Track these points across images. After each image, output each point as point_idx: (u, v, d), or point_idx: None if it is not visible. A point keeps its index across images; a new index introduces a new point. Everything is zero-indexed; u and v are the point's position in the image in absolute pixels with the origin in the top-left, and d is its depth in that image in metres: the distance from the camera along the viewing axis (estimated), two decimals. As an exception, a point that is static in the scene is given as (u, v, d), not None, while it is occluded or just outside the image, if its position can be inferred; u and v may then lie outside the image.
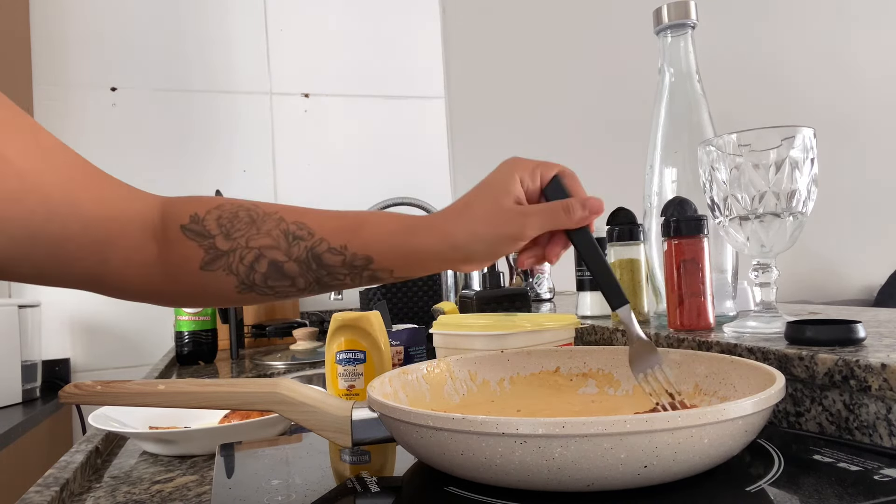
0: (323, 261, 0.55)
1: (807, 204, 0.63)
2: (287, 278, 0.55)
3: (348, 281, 0.56)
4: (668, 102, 0.84)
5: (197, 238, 0.55)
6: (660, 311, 0.84)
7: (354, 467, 0.50)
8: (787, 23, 2.43)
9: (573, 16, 2.22)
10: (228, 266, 0.55)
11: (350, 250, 0.55)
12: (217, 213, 0.56)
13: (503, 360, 0.63)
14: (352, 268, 0.55)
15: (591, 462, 0.37)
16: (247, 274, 0.55)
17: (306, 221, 0.56)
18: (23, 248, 0.49)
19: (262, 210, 0.57)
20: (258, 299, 0.57)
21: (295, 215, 0.56)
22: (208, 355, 1.37)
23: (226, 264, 0.55)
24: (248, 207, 0.57)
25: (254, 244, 0.55)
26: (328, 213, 0.57)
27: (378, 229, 0.55)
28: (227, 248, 0.55)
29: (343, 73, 1.99)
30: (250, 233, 0.55)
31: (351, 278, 0.56)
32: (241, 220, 0.56)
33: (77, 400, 0.49)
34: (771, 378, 0.45)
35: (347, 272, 0.55)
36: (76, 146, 1.83)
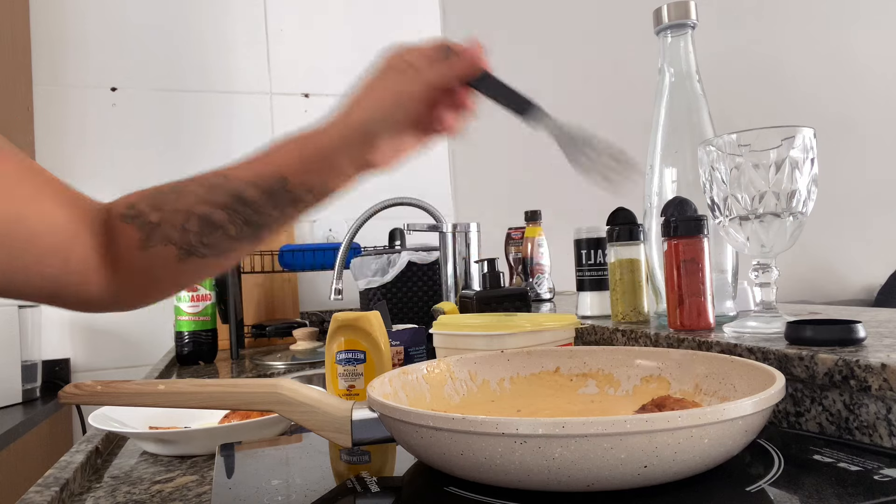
0: (244, 197, 0.56)
1: (807, 204, 0.63)
2: (218, 228, 0.56)
3: (274, 212, 0.57)
4: (668, 102, 0.84)
5: (132, 220, 0.57)
6: (660, 311, 0.84)
7: (354, 467, 0.50)
8: (787, 22, 2.43)
9: (573, 16, 2.22)
10: (164, 236, 0.56)
11: (263, 177, 0.55)
12: (149, 195, 0.58)
13: (503, 361, 0.63)
14: (270, 194, 0.56)
15: (591, 462, 0.37)
16: (182, 237, 0.56)
17: (221, 170, 0.57)
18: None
19: (184, 180, 0.58)
20: (202, 265, 0.58)
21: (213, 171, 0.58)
22: (208, 355, 1.37)
23: (161, 236, 0.56)
24: (174, 183, 0.59)
25: (180, 206, 0.56)
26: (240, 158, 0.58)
27: (284, 146, 0.56)
28: (157, 220, 0.56)
29: (343, 73, 1.98)
30: (175, 199, 0.57)
31: (274, 207, 0.56)
32: (166, 193, 0.57)
33: (77, 400, 0.49)
34: (771, 378, 0.45)
35: (268, 200, 0.56)
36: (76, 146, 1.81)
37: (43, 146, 1.72)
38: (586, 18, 2.23)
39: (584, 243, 1.02)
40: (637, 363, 0.59)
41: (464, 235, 1.31)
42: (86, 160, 1.75)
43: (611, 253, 0.90)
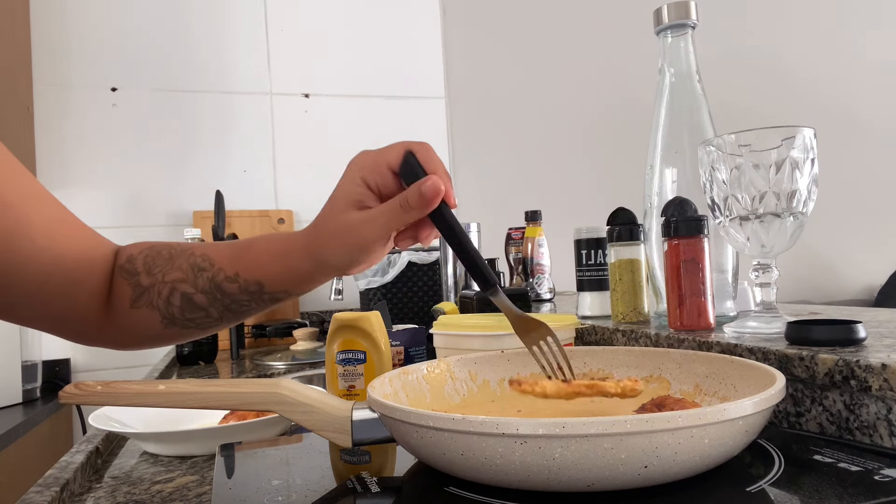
0: (223, 289, 0.58)
1: (807, 204, 0.63)
2: (200, 309, 0.58)
3: (254, 306, 0.59)
4: (669, 102, 0.84)
5: (127, 276, 0.59)
6: (660, 311, 0.84)
7: (354, 467, 0.50)
8: (787, 23, 2.43)
9: (573, 16, 2.22)
10: (150, 301, 0.58)
11: (242, 277, 0.57)
12: (146, 252, 0.60)
13: (503, 361, 0.63)
14: (249, 294, 0.58)
15: (591, 462, 0.37)
16: (166, 308, 0.58)
17: (209, 252, 0.59)
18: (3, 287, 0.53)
19: (181, 247, 0.60)
20: (184, 333, 0.60)
21: (203, 248, 0.60)
22: (208, 355, 1.37)
23: (148, 300, 0.58)
24: (172, 246, 0.61)
25: (168, 278, 0.58)
26: (228, 243, 0.60)
27: (260, 255, 0.58)
28: (148, 284, 0.59)
29: (343, 73, 1.99)
30: (166, 268, 0.59)
31: (255, 303, 0.59)
32: (162, 257, 0.60)
33: (77, 400, 0.49)
34: (771, 378, 0.45)
35: (248, 298, 0.58)
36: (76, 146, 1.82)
37: (43, 146, 1.72)
38: (586, 18, 2.23)
39: (584, 243, 1.02)
40: (637, 363, 0.59)
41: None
42: (86, 160, 1.75)
43: (611, 253, 0.90)
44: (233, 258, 0.58)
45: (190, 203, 1.82)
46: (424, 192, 0.52)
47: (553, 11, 2.21)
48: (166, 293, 0.58)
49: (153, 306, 0.58)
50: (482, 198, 2.08)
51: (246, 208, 1.86)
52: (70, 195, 1.71)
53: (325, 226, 0.55)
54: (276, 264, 0.57)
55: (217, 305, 0.58)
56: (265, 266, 0.57)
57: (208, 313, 0.59)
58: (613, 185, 2.09)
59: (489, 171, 2.11)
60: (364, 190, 0.54)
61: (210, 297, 0.58)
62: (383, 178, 0.55)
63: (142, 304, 0.58)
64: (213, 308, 0.58)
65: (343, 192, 0.55)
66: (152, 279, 0.59)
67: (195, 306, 0.58)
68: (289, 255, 0.57)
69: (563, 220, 1.67)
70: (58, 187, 1.71)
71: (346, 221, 0.54)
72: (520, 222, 1.63)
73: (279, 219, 1.87)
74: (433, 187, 0.52)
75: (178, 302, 0.58)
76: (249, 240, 0.60)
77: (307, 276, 0.57)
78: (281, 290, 0.58)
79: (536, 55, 2.19)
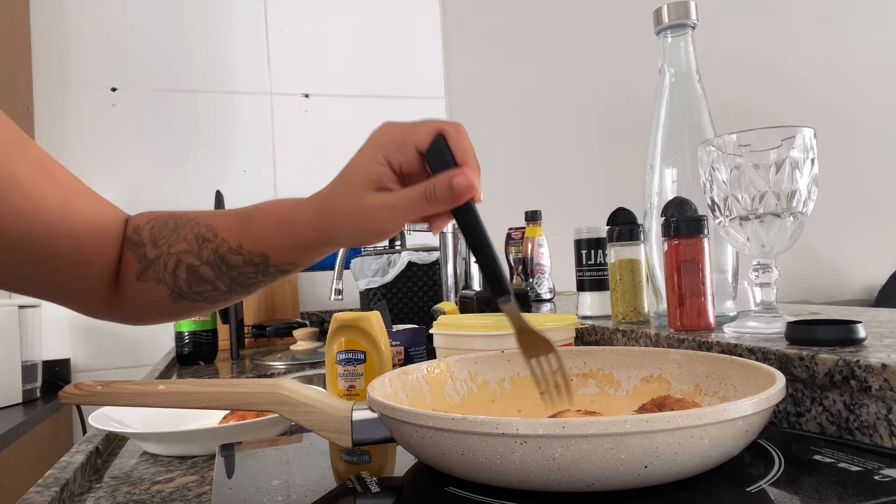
0: (228, 261, 0.55)
1: (807, 204, 0.63)
2: (207, 282, 0.56)
3: (261, 278, 0.57)
4: (669, 102, 0.84)
5: (133, 248, 0.57)
6: (660, 311, 0.84)
7: (354, 467, 0.50)
8: (787, 23, 2.43)
9: (573, 16, 2.22)
10: (157, 275, 0.56)
11: (246, 249, 0.55)
12: (153, 223, 0.58)
13: (503, 361, 0.63)
14: (255, 265, 0.55)
15: (591, 462, 0.37)
16: (173, 281, 0.56)
17: (213, 223, 0.57)
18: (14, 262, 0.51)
19: (186, 216, 0.58)
20: (193, 308, 0.58)
21: (207, 218, 0.57)
22: (208, 355, 1.37)
23: (154, 273, 0.56)
24: (178, 215, 0.58)
25: (174, 250, 0.56)
26: (231, 212, 0.57)
27: (264, 225, 0.55)
28: (154, 256, 0.56)
29: (343, 73, 1.99)
30: (172, 239, 0.56)
31: (262, 275, 0.56)
32: (167, 227, 0.57)
33: (77, 400, 0.49)
34: (771, 378, 0.45)
35: (254, 270, 0.56)
36: (76, 146, 1.81)
37: (43, 146, 1.71)
38: (586, 18, 2.23)
39: (584, 243, 1.02)
40: (637, 363, 0.59)
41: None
42: (86, 160, 1.75)
43: (611, 253, 0.90)
44: (236, 229, 0.55)
45: (190, 203, 1.82)
46: (455, 187, 0.47)
47: (553, 11, 2.21)
48: (172, 265, 0.56)
49: (160, 279, 0.56)
50: (482, 198, 2.07)
51: (246, 208, 1.86)
52: (70, 195, 1.71)
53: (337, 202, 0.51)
54: (282, 236, 0.54)
55: (224, 278, 0.56)
56: (269, 238, 0.54)
57: (215, 286, 0.56)
58: (613, 185, 2.09)
59: (489, 171, 2.10)
60: (385, 170, 0.49)
61: (216, 269, 0.56)
62: (407, 159, 0.49)
63: (149, 278, 0.56)
64: (219, 281, 0.56)
65: (361, 167, 0.50)
66: (158, 251, 0.56)
67: (202, 279, 0.56)
68: (294, 226, 0.53)
69: (563, 220, 1.67)
70: (58, 187, 1.70)
71: (362, 203, 0.49)
72: (520, 222, 1.63)
73: (279, 219, 1.87)
74: (465, 183, 0.47)
75: (185, 275, 0.56)
76: (254, 208, 0.57)
77: (313, 248, 0.54)
78: (287, 262, 0.55)
79: (536, 55, 2.18)
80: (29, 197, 0.50)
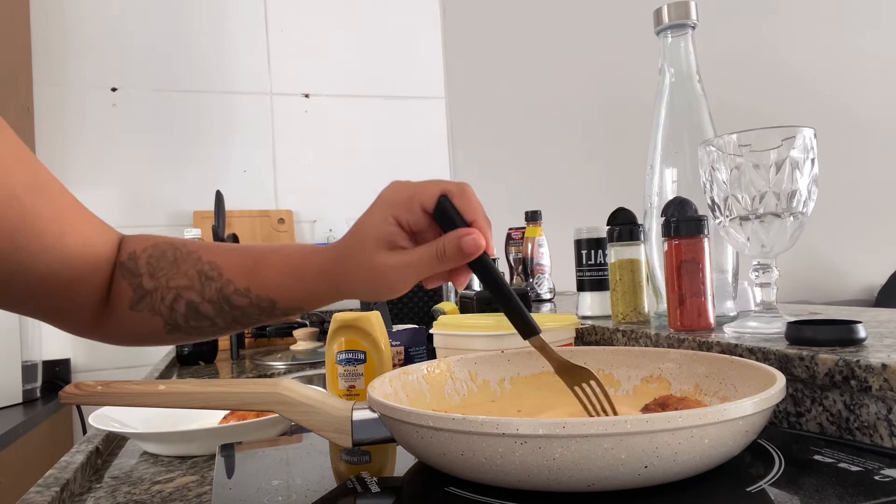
0: (232, 302, 0.55)
1: (807, 204, 0.63)
2: (206, 319, 0.56)
3: (264, 319, 0.57)
4: (669, 102, 0.84)
5: (128, 276, 0.57)
6: (660, 311, 0.84)
7: (355, 467, 0.50)
8: (787, 23, 2.43)
9: (573, 16, 2.22)
10: (152, 306, 0.56)
11: (253, 292, 0.55)
12: (150, 251, 0.57)
13: (503, 361, 0.63)
14: (260, 309, 0.55)
15: (591, 462, 0.37)
16: (169, 314, 0.56)
17: (217, 260, 0.56)
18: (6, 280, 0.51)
19: (186, 249, 0.57)
20: (188, 338, 0.58)
21: (210, 254, 0.57)
22: (209, 355, 1.37)
23: (150, 304, 0.56)
24: (177, 246, 0.58)
25: (173, 284, 0.56)
26: (237, 251, 0.57)
27: (274, 272, 0.55)
28: (150, 288, 0.56)
29: (343, 73, 1.99)
30: (171, 272, 0.56)
31: (266, 317, 0.56)
32: (166, 259, 0.57)
33: (77, 400, 0.49)
34: (771, 378, 0.45)
35: (258, 313, 0.56)
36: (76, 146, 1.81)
37: (43, 146, 1.72)
38: (586, 18, 2.23)
39: (584, 243, 1.02)
40: (637, 363, 0.59)
41: (464, 235, 1.31)
42: (86, 160, 1.75)
43: (611, 253, 0.90)
44: (245, 272, 0.55)
45: (190, 203, 1.82)
46: (463, 246, 0.48)
47: (553, 11, 2.21)
48: (170, 299, 0.55)
49: (155, 311, 0.56)
50: (482, 198, 2.05)
51: (246, 208, 1.86)
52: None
53: (350, 261, 0.52)
54: (292, 283, 0.54)
55: (225, 316, 0.56)
56: (280, 284, 0.54)
57: (214, 323, 0.56)
58: (613, 185, 2.09)
59: (489, 171, 2.11)
60: (396, 229, 0.50)
61: (217, 307, 0.55)
62: (415, 218, 0.51)
63: (143, 308, 0.56)
64: (219, 318, 0.56)
65: (372, 228, 0.51)
66: (155, 283, 0.56)
67: (201, 315, 0.56)
68: (305, 276, 0.54)
69: (563, 220, 1.67)
70: (58, 187, 1.70)
71: (375, 263, 0.50)
72: (520, 222, 1.63)
73: (279, 219, 1.87)
74: (473, 244, 0.48)
75: (183, 310, 0.56)
76: (262, 253, 0.56)
77: (322, 298, 0.55)
78: (294, 307, 0.55)
79: (536, 55, 2.18)
80: (25, 213, 0.50)
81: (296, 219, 1.91)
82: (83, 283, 0.55)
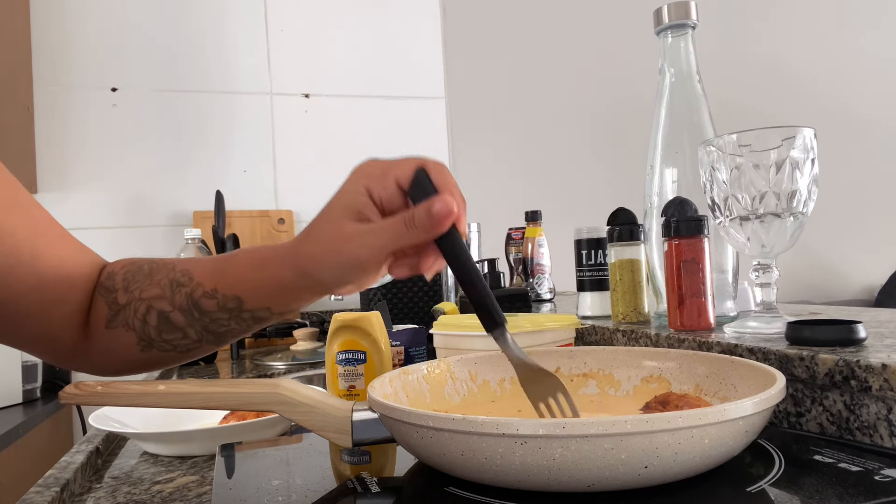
0: (201, 307, 0.53)
1: (807, 204, 0.63)
2: (177, 329, 0.54)
3: (234, 325, 0.54)
4: (669, 102, 0.84)
5: (105, 293, 0.56)
6: (660, 311, 0.84)
7: (355, 468, 0.50)
8: (787, 22, 2.43)
9: (573, 16, 2.22)
10: (126, 321, 0.55)
11: (220, 292, 0.53)
12: (128, 267, 0.57)
13: (503, 361, 0.62)
14: (228, 311, 0.53)
15: (591, 462, 0.37)
16: (142, 328, 0.55)
17: (190, 267, 0.55)
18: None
19: (164, 262, 0.56)
20: (162, 358, 0.56)
21: (185, 263, 0.56)
22: (209, 356, 1.37)
23: (124, 319, 0.55)
24: (155, 261, 0.57)
25: (145, 295, 0.54)
26: (211, 258, 0.56)
27: (240, 267, 0.53)
28: (124, 302, 0.55)
29: (343, 73, 1.99)
30: (144, 284, 0.55)
31: (235, 322, 0.54)
32: (142, 273, 0.56)
33: (77, 400, 0.49)
34: (771, 378, 0.45)
35: (227, 316, 0.54)
36: (76, 147, 1.81)
37: (43, 146, 1.72)
38: (586, 18, 2.23)
39: (584, 243, 1.02)
40: (637, 363, 0.59)
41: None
42: (86, 160, 1.75)
43: (611, 253, 0.90)
44: (213, 272, 0.54)
45: (190, 203, 1.82)
46: (435, 212, 0.45)
47: (553, 11, 2.21)
48: (143, 311, 0.54)
49: (129, 326, 0.55)
50: (482, 198, 2.08)
51: (246, 208, 1.86)
52: (70, 196, 1.71)
53: (315, 233, 0.50)
54: (257, 275, 0.52)
55: (195, 325, 0.54)
56: (244, 278, 0.52)
57: (185, 334, 0.55)
58: (613, 185, 2.09)
59: (489, 171, 2.11)
60: (366, 200, 0.48)
61: (187, 315, 0.54)
62: (388, 192, 0.48)
63: (118, 324, 0.55)
64: (190, 328, 0.54)
65: (342, 199, 0.49)
66: (129, 296, 0.55)
67: (172, 326, 0.54)
68: (270, 263, 0.51)
69: (563, 220, 1.67)
70: (57, 188, 1.71)
71: (340, 232, 0.48)
72: (520, 222, 1.63)
73: (279, 219, 1.87)
74: (445, 207, 0.45)
75: (155, 321, 0.54)
76: (234, 252, 0.55)
77: (289, 288, 0.52)
78: (261, 305, 0.53)
79: (536, 55, 2.18)
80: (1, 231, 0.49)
81: (296, 219, 1.91)
82: (57, 307, 0.54)
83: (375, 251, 0.47)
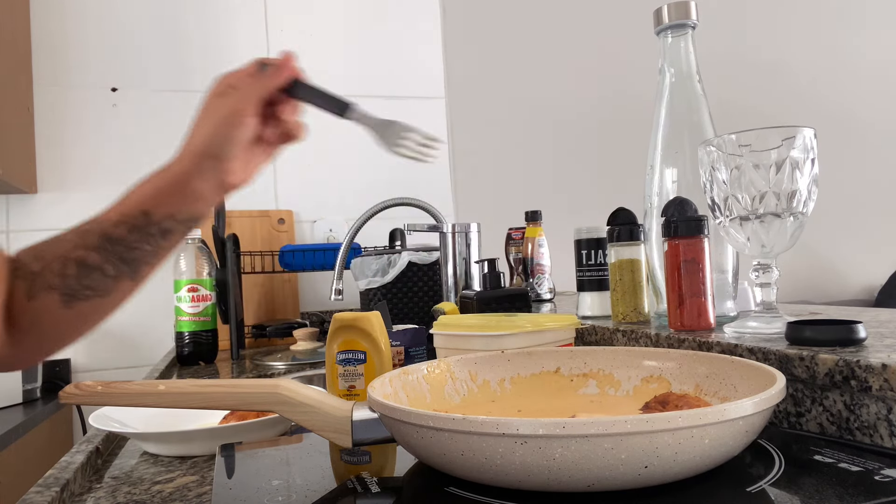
0: (113, 237, 0.58)
1: (807, 204, 0.63)
2: (95, 269, 0.58)
3: (146, 246, 0.59)
4: (669, 102, 0.84)
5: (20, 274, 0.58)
6: (660, 311, 0.84)
7: (355, 468, 0.50)
8: (787, 23, 2.43)
9: (573, 16, 2.22)
10: (46, 284, 0.57)
11: (125, 213, 0.58)
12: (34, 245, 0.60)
13: (503, 361, 0.63)
14: (137, 230, 0.58)
15: (591, 462, 0.37)
16: (62, 282, 0.57)
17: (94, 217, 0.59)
18: None
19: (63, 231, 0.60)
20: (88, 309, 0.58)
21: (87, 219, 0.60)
22: (209, 356, 1.37)
23: (42, 283, 0.57)
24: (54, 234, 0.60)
25: (58, 253, 0.58)
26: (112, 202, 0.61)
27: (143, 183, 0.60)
28: (39, 269, 0.58)
29: (343, 74, 1.99)
30: (52, 246, 0.59)
31: (146, 241, 0.59)
32: (45, 242, 0.59)
33: (77, 400, 0.49)
34: (771, 378, 0.45)
35: (138, 237, 0.58)
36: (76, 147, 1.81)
37: (43, 146, 1.72)
38: (586, 18, 2.23)
39: (584, 243, 1.02)
40: (637, 363, 0.59)
41: (464, 235, 1.31)
42: (86, 160, 1.75)
43: (611, 253, 0.90)
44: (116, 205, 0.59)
45: (190, 203, 1.82)
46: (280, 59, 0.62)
47: (553, 11, 2.21)
48: (59, 267, 0.57)
49: (50, 286, 0.57)
50: (482, 198, 2.08)
51: (246, 208, 1.86)
52: (70, 196, 1.71)
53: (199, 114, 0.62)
54: (155, 181, 0.59)
55: (111, 259, 0.58)
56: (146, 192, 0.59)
57: (104, 271, 0.58)
58: (613, 185, 2.09)
59: (489, 171, 2.11)
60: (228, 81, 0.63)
61: (102, 252, 0.57)
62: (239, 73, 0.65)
63: (38, 290, 0.57)
64: (107, 265, 0.58)
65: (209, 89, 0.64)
66: (42, 262, 0.58)
67: (90, 267, 0.57)
68: (168, 167, 0.60)
69: (563, 220, 1.67)
70: (57, 188, 1.71)
71: (213, 100, 0.61)
72: (520, 222, 1.63)
73: (279, 219, 1.87)
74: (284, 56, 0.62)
75: (73, 269, 0.57)
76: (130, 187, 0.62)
77: (179, 179, 0.59)
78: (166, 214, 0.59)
79: (536, 55, 2.19)
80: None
81: (296, 219, 1.91)
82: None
83: (244, 101, 0.60)
